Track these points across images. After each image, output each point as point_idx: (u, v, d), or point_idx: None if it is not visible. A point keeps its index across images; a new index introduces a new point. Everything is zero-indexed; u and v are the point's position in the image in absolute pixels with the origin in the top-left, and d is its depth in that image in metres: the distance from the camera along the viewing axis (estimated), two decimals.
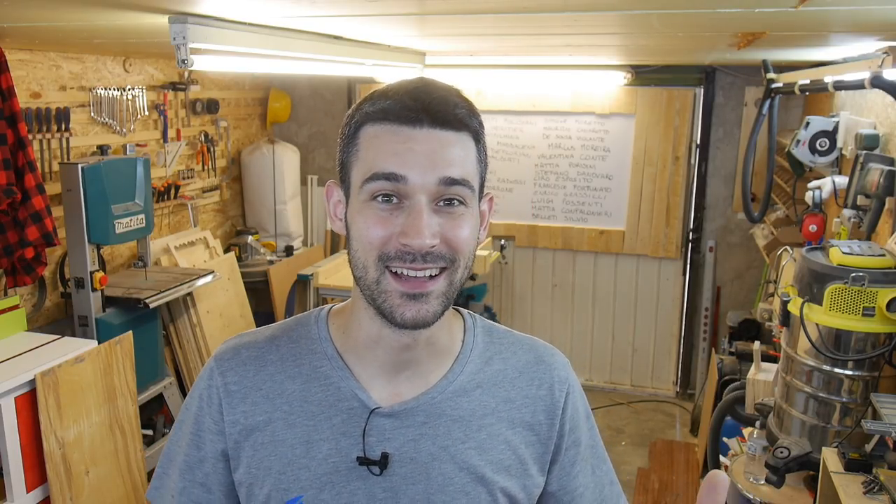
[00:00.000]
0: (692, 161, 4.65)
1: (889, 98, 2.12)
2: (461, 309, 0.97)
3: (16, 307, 2.98)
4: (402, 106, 0.79)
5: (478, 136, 0.84)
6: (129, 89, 3.77)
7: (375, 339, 0.87)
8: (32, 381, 2.57)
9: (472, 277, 4.02)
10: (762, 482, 2.12)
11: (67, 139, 3.37)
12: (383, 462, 0.85)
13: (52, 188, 3.22)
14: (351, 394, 0.87)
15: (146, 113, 3.92)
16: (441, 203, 0.80)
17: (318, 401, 0.88)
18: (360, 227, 0.80)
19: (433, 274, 0.80)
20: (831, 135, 2.72)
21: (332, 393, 0.88)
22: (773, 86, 2.82)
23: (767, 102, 2.85)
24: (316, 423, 0.87)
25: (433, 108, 0.79)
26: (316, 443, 0.86)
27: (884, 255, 1.80)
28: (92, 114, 3.57)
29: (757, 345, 2.59)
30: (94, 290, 3.18)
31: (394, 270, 0.79)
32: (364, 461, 0.85)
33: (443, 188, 0.79)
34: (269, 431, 0.87)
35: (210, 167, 4.54)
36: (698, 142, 4.61)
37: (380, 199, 0.79)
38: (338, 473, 0.85)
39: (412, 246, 0.78)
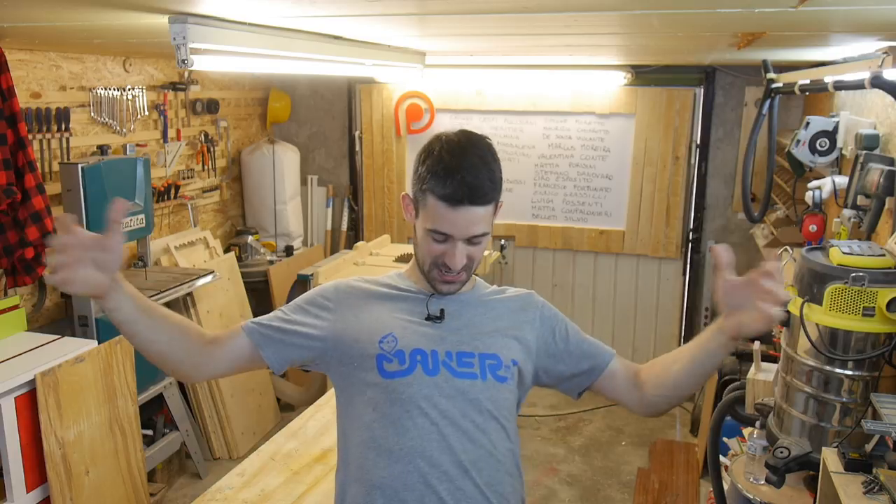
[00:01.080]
0: (692, 161, 4.65)
1: (889, 98, 2.11)
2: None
3: (16, 307, 2.98)
4: (454, 194, 1.31)
5: (496, 199, 1.37)
6: (129, 89, 3.77)
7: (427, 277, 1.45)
8: (32, 381, 2.58)
9: None
10: (762, 482, 2.12)
11: (67, 139, 3.37)
12: (441, 315, 1.43)
13: (52, 188, 3.22)
14: (418, 290, 1.47)
15: (146, 113, 3.92)
16: (470, 241, 1.37)
17: (396, 297, 1.47)
18: (424, 244, 1.39)
19: (462, 272, 1.40)
20: (831, 135, 2.72)
21: (406, 292, 1.47)
22: (773, 86, 2.82)
23: (767, 102, 2.85)
24: (396, 303, 1.45)
25: (473, 195, 1.31)
26: (398, 312, 1.43)
27: (884, 255, 1.80)
28: (92, 114, 3.57)
29: (757, 345, 2.58)
30: None
31: (439, 268, 1.39)
32: (429, 318, 1.42)
33: (470, 238, 1.36)
34: (367, 309, 1.44)
35: (210, 167, 4.55)
36: (698, 142, 4.61)
37: (435, 238, 1.37)
38: (414, 324, 1.42)
39: (450, 267, 1.37)
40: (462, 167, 1.31)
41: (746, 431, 2.61)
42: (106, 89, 3.62)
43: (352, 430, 1.40)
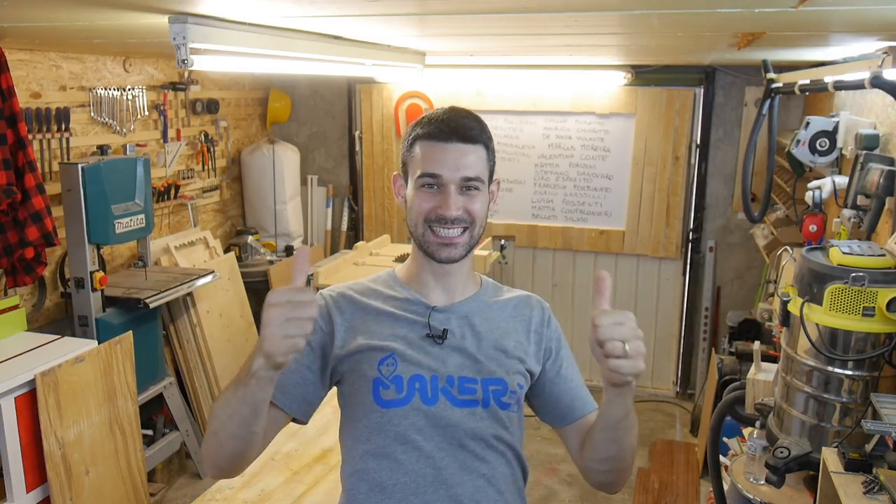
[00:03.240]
0: (692, 161, 4.65)
1: (889, 98, 2.11)
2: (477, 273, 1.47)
3: (16, 307, 2.98)
4: (439, 129, 1.28)
5: (487, 145, 1.32)
6: (129, 89, 3.77)
7: (423, 265, 1.36)
8: (32, 381, 2.58)
9: None
10: (762, 482, 2.12)
11: (67, 139, 3.37)
12: (444, 335, 1.32)
13: (52, 188, 3.22)
14: (417, 300, 1.35)
15: (146, 113, 3.92)
16: (463, 188, 1.28)
17: (395, 307, 1.35)
18: (414, 202, 1.30)
19: (460, 232, 1.29)
20: (831, 135, 2.72)
21: (404, 302, 1.36)
22: (773, 86, 2.82)
23: (767, 102, 2.85)
24: (396, 318, 1.34)
25: (458, 130, 1.28)
26: (398, 328, 1.32)
27: (884, 255, 1.80)
28: (92, 114, 3.57)
29: (757, 345, 2.58)
30: (94, 290, 3.18)
31: (433, 229, 1.29)
32: (431, 335, 1.31)
33: (463, 182, 1.28)
34: (364, 327, 1.33)
35: (210, 167, 4.55)
36: (698, 142, 4.61)
37: (425, 187, 1.28)
38: (414, 342, 1.31)
39: (446, 215, 1.27)
40: (449, 111, 1.31)
41: (746, 431, 2.61)
42: (106, 89, 3.62)
43: (347, 454, 1.33)
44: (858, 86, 2.13)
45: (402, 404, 1.27)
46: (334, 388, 1.37)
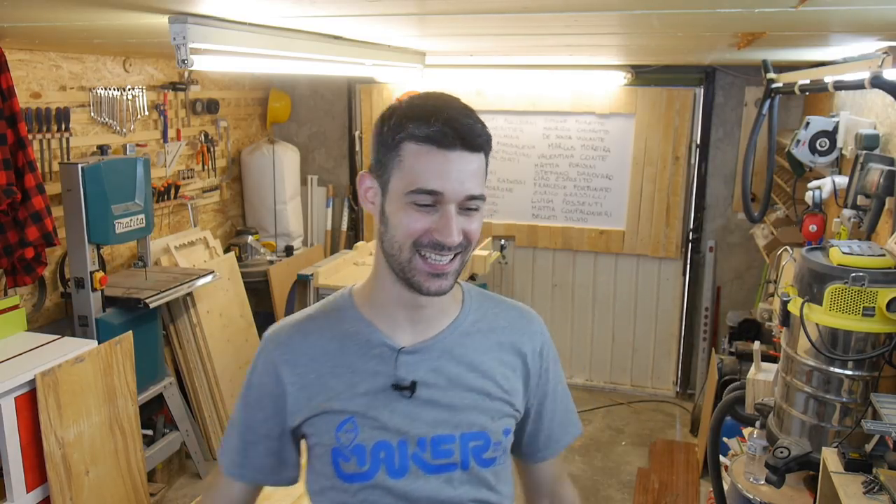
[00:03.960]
0: (692, 161, 4.65)
1: (889, 98, 2.11)
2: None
3: (16, 307, 2.98)
4: (443, 133, 1.00)
5: (488, 153, 1.07)
6: (129, 89, 3.77)
7: (396, 299, 1.11)
8: (32, 381, 2.58)
9: (473, 277, 4.02)
10: (762, 482, 2.12)
11: (67, 139, 3.37)
12: (413, 387, 1.09)
13: (52, 188, 3.22)
14: (380, 342, 1.12)
15: (146, 113, 3.92)
16: (463, 208, 1.04)
17: (354, 352, 1.12)
18: (402, 221, 1.03)
19: (451, 258, 1.04)
20: (831, 135, 2.72)
21: (364, 345, 1.12)
22: (773, 86, 2.82)
23: (767, 102, 2.85)
24: (355, 368, 1.11)
25: (466, 136, 1.01)
26: (358, 383, 1.10)
27: (884, 255, 1.80)
28: (92, 114, 3.57)
29: (757, 345, 2.58)
30: (94, 290, 3.18)
31: (423, 255, 1.03)
32: (398, 387, 1.09)
33: (466, 201, 1.03)
34: (319, 383, 1.11)
35: (210, 167, 4.54)
36: (698, 142, 4.61)
37: (418, 204, 1.02)
38: (378, 399, 1.09)
39: (445, 243, 1.02)
40: (446, 106, 1.03)
41: (746, 431, 2.61)
42: (106, 89, 3.62)
43: None
44: (858, 86, 2.13)
45: (365, 479, 1.09)
46: None
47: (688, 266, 4.78)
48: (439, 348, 1.13)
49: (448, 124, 1.00)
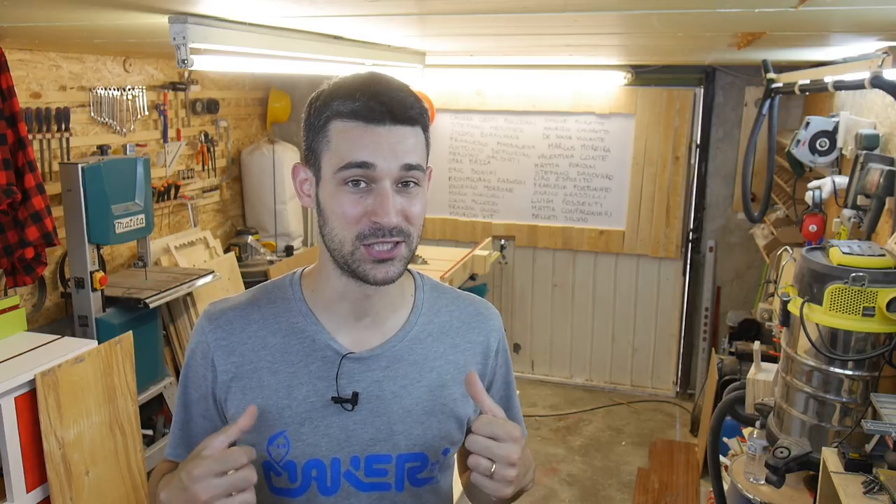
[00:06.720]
0: (692, 161, 4.65)
1: (889, 98, 2.11)
2: (410, 269, 1.14)
3: (16, 307, 2.98)
4: (369, 108, 0.95)
5: (426, 127, 1.01)
6: (129, 89, 3.77)
7: (342, 293, 1.05)
8: (32, 381, 2.57)
9: (472, 277, 4.02)
10: (762, 482, 2.12)
11: (67, 139, 3.37)
12: (354, 400, 1.03)
13: (52, 188, 3.22)
14: (325, 344, 1.05)
15: (146, 113, 3.92)
16: (400, 185, 0.97)
17: (297, 351, 1.05)
18: (336, 207, 0.97)
19: (394, 245, 0.98)
20: (831, 135, 2.72)
21: (309, 344, 1.06)
22: (773, 86, 2.82)
23: (767, 102, 2.85)
24: (296, 370, 1.05)
25: (395, 109, 0.95)
26: (296, 387, 1.04)
27: (884, 255, 1.80)
28: (92, 114, 3.57)
29: (757, 345, 2.58)
30: (94, 290, 3.18)
31: (367, 244, 0.97)
32: (338, 400, 1.03)
33: (403, 172, 0.96)
34: (255, 378, 1.05)
35: (210, 167, 4.54)
36: (698, 142, 4.61)
37: (350, 184, 0.96)
38: (315, 411, 1.03)
39: (382, 224, 0.95)
40: (372, 81, 0.97)
41: (746, 431, 2.61)
42: (106, 89, 3.62)
43: None
44: (858, 86, 2.13)
45: (295, 495, 1.05)
46: None
47: (688, 266, 4.78)
48: (388, 357, 1.06)
49: (375, 98, 0.95)
